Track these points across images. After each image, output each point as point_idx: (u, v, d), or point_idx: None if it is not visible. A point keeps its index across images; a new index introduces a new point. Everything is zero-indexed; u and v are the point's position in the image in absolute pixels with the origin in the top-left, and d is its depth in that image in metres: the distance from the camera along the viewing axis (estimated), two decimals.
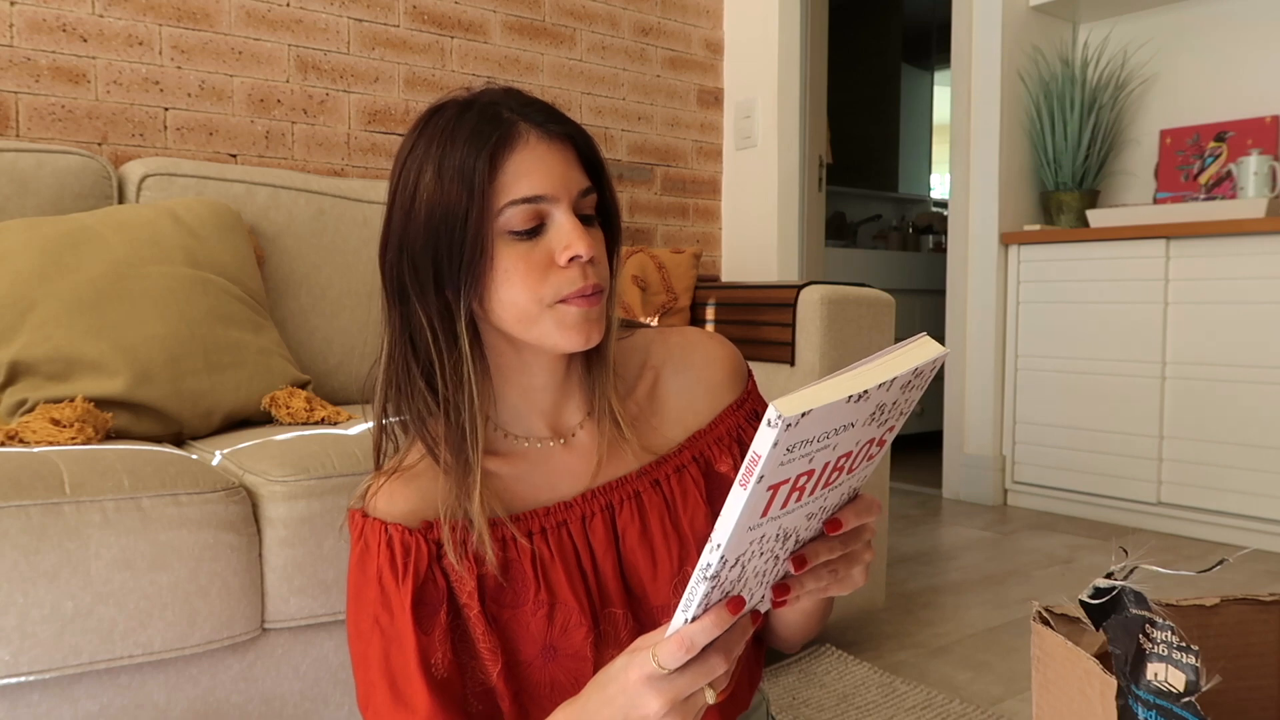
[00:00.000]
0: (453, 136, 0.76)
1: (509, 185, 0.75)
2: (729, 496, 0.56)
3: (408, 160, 0.78)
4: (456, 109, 0.78)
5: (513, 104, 0.78)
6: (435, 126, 0.77)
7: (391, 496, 0.81)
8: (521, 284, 0.76)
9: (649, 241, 2.77)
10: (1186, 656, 0.59)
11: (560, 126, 0.78)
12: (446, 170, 0.75)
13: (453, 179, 0.75)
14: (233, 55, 2.04)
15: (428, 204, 0.76)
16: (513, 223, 0.75)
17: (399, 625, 0.77)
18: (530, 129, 0.76)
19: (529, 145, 0.76)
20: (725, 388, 0.89)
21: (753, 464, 0.53)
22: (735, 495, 0.55)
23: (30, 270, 1.36)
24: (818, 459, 0.57)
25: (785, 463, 0.54)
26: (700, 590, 0.59)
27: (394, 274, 0.79)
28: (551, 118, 0.78)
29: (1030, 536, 2.72)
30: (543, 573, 0.80)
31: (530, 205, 0.75)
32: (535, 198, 0.75)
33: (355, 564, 0.81)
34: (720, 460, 0.87)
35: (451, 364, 0.79)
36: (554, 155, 0.76)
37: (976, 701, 1.58)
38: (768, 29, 2.79)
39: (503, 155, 0.75)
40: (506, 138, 0.75)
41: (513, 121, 0.76)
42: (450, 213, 0.75)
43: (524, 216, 0.75)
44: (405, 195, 0.77)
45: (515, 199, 0.75)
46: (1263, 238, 2.52)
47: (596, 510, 0.83)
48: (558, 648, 0.80)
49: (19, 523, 0.97)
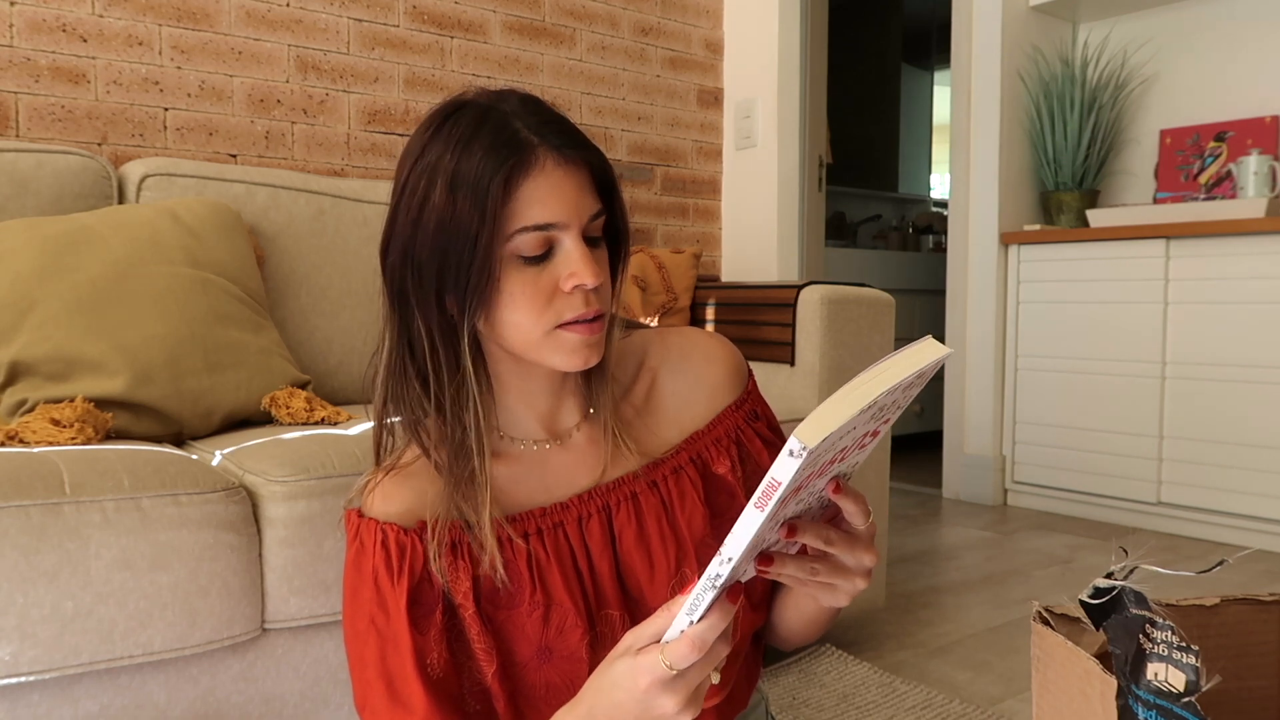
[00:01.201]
0: (468, 149, 0.74)
1: (522, 211, 0.74)
2: (743, 515, 0.56)
3: (418, 163, 0.76)
4: (473, 118, 0.76)
5: (531, 122, 0.75)
6: (450, 134, 0.75)
7: (387, 496, 0.81)
8: (526, 308, 0.75)
9: (649, 241, 2.77)
10: (1187, 656, 0.59)
11: (576, 150, 0.76)
12: (460, 186, 0.73)
13: (465, 197, 0.73)
14: (232, 55, 2.04)
15: (438, 217, 0.74)
16: (522, 248, 0.74)
17: (395, 625, 0.77)
18: (548, 153, 0.74)
19: (545, 171, 0.74)
20: (724, 388, 0.89)
21: (771, 489, 0.53)
22: (750, 516, 0.55)
23: (30, 270, 1.36)
24: (821, 462, 0.57)
25: (798, 479, 0.55)
26: (708, 598, 0.60)
27: (396, 277, 0.78)
28: (569, 140, 0.76)
29: (1030, 536, 2.72)
30: (538, 574, 0.80)
31: (541, 233, 0.74)
32: (547, 225, 0.74)
33: (351, 564, 0.81)
34: (718, 462, 0.86)
35: (452, 380, 0.79)
36: (569, 181, 0.75)
37: (976, 701, 1.58)
38: (768, 29, 2.79)
39: (518, 180, 0.73)
40: (524, 163, 0.73)
41: (531, 144, 0.74)
42: (460, 231, 0.74)
43: (534, 243, 0.74)
44: (414, 201, 0.76)
45: (527, 225, 0.74)
46: (1263, 238, 2.52)
47: (593, 512, 0.83)
48: (553, 649, 0.80)
49: (19, 523, 0.97)
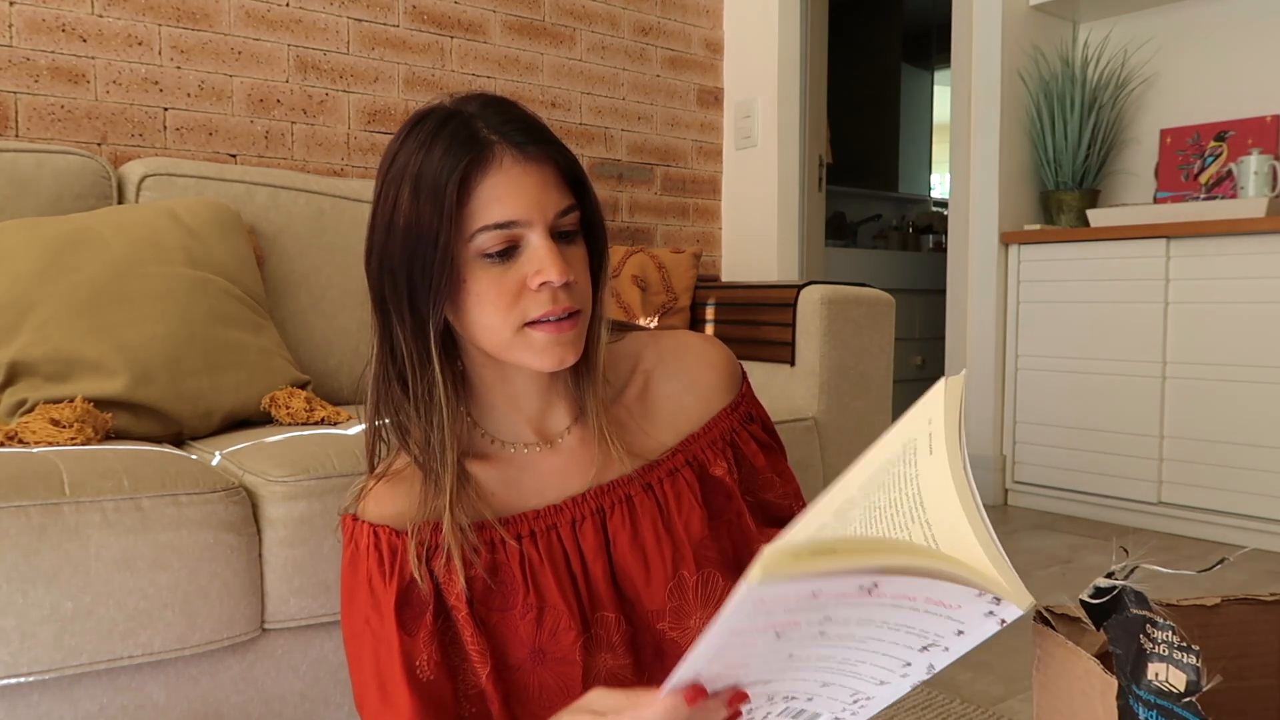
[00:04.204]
0: (429, 152, 0.74)
1: (481, 210, 0.74)
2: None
3: (389, 170, 0.77)
4: (436, 121, 0.76)
5: (493, 120, 0.76)
6: (415, 139, 0.76)
7: (380, 500, 0.81)
8: (493, 307, 0.75)
9: (649, 241, 2.77)
10: (1187, 656, 0.59)
11: (539, 147, 0.76)
12: (422, 189, 0.74)
13: (427, 199, 0.74)
14: (232, 55, 2.04)
15: (404, 221, 0.75)
16: (485, 246, 0.74)
17: (386, 627, 0.78)
18: (506, 150, 0.75)
19: (502, 168, 0.74)
20: (719, 391, 0.89)
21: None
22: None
23: (30, 270, 1.35)
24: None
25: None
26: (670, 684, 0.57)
27: (376, 284, 0.79)
28: (531, 137, 0.76)
29: (1030, 536, 2.72)
30: (531, 576, 0.81)
31: (502, 230, 0.74)
32: (507, 223, 0.74)
33: (347, 566, 0.82)
34: (715, 464, 0.86)
35: (425, 382, 0.79)
36: (529, 178, 0.75)
37: (976, 701, 1.58)
38: (767, 29, 2.79)
39: (475, 178, 0.74)
40: (480, 160, 0.74)
41: (488, 142, 0.74)
42: (424, 233, 0.74)
43: (495, 241, 0.74)
44: (386, 208, 0.77)
45: (487, 224, 0.74)
46: (1263, 237, 2.51)
47: (587, 514, 0.83)
48: (547, 651, 0.80)
49: (19, 523, 0.97)
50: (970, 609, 0.52)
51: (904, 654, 0.57)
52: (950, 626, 0.54)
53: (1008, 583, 0.50)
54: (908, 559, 0.50)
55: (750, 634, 0.53)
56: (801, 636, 0.55)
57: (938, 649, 0.56)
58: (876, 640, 0.56)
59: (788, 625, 0.53)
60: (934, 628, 0.54)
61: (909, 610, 0.53)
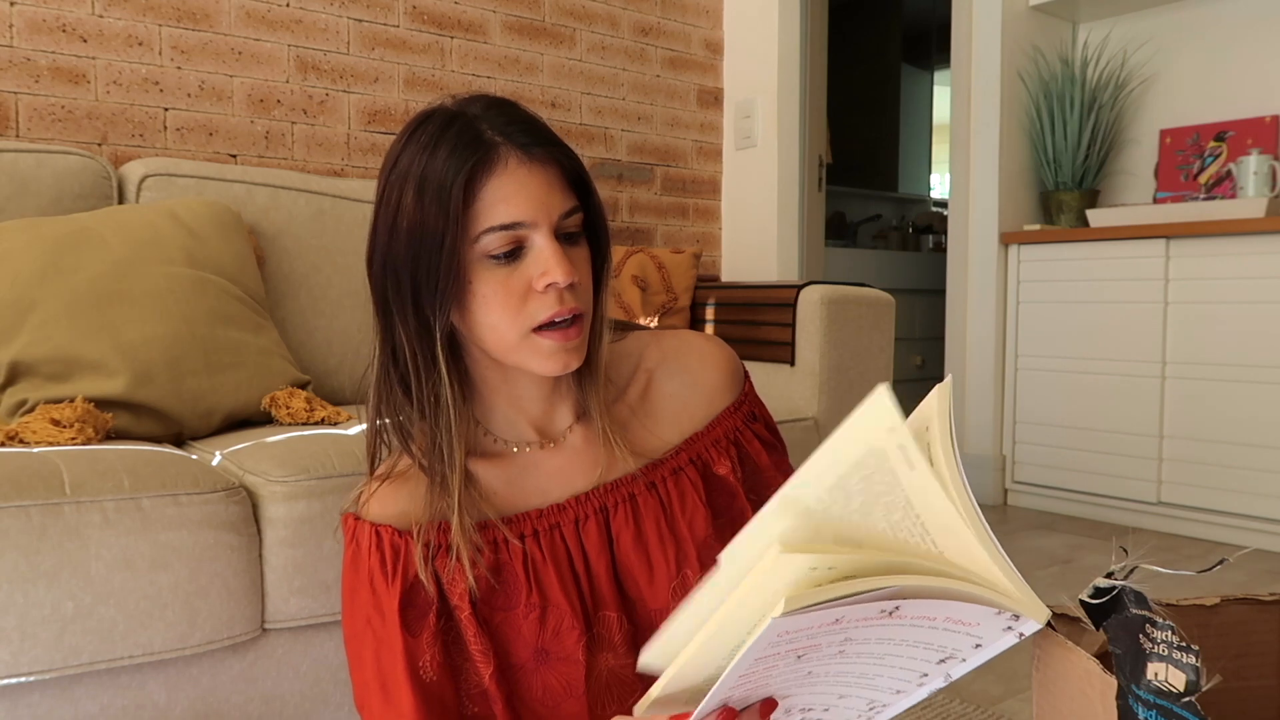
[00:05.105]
0: (434, 154, 0.75)
1: (486, 211, 0.74)
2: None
3: (392, 172, 0.77)
4: (440, 122, 0.76)
5: (497, 122, 0.76)
6: (418, 140, 0.76)
7: (383, 500, 0.81)
8: (500, 310, 0.76)
9: (649, 241, 2.77)
10: (1187, 656, 0.59)
11: (543, 148, 0.76)
12: (426, 190, 0.74)
13: (432, 200, 0.74)
14: (232, 55, 2.04)
15: (408, 223, 0.75)
16: (490, 248, 0.74)
17: (388, 627, 0.78)
18: (511, 151, 0.75)
19: (508, 170, 0.74)
20: (721, 390, 0.89)
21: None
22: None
23: (30, 271, 1.36)
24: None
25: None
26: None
27: (379, 286, 0.79)
28: (535, 139, 0.76)
29: (1030, 536, 2.72)
30: (534, 575, 0.80)
31: (508, 232, 0.74)
32: (513, 224, 0.74)
33: (348, 565, 0.81)
34: (719, 463, 0.86)
35: (430, 385, 0.79)
36: (534, 179, 0.75)
37: (976, 701, 1.58)
38: (767, 29, 2.79)
39: (480, 179, 0.74)
40: (485, 161, 0.74)
41: (493, 144, 0.74)
42: (428, 235, 0.74)
43: (501, 242, 0.74)
44: (389, 209, 0.77)
45: (492, 226, 0.74)
46: (1263, 237, 2.52)
47: (590, 513, 0.83)
48: (549, 651, 0.80)
49: (19, 523, 0.97)
50: (989, 625, 0.53)
51: (922, 666, 0.57)
52: (968, 641, 0.55)
53: (1025, 599, 0.51)
54: (929, 581, 0.50)
55: (772, 659, 0.53)
56: (822, 656, 0.55)
57: (955, 660, 0.57)
58: (895, 656, 0.56)
59: (809, 649, 0.53)
60: (952, 643, 0.55)
61: (928, 629, 0.53)
